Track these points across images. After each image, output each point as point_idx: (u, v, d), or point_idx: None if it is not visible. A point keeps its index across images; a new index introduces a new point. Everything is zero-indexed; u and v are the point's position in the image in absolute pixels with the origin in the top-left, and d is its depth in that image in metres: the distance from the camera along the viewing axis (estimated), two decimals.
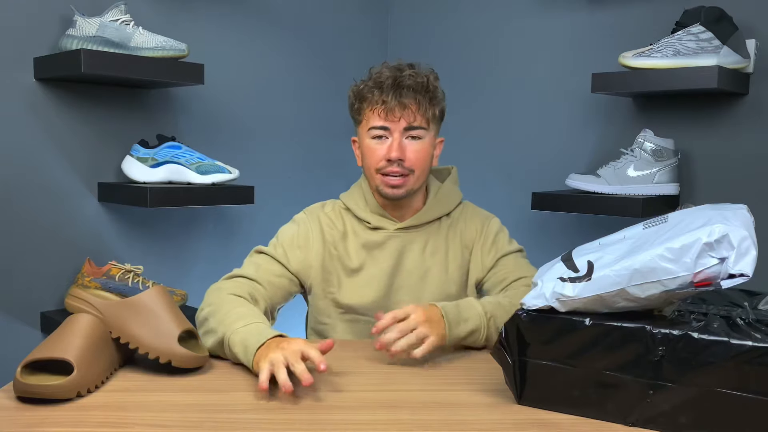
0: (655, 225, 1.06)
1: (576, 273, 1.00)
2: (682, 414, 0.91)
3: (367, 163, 1.46)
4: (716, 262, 0.91)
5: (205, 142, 2.08)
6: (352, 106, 1.49)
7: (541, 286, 1.02)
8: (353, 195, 1.54)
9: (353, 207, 1.51)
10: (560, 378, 0.99)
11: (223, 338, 1.21)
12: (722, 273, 0.91)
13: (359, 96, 1.46)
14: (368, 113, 1.43)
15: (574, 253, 1.07)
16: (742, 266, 0.90)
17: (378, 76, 1.43)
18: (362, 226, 1.50)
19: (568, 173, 1.95)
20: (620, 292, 0.95)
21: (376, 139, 1.43)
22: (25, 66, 1.74)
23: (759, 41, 1.79)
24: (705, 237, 0.91)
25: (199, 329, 1.29)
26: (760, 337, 0.88)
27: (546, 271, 1.06)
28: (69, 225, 1.83)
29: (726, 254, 0.91)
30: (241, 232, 2.20)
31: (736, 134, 1.84)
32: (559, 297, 0.99)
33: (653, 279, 0.93)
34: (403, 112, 1.40)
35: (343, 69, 2.41)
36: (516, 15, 2.26)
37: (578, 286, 0.98)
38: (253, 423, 0.96)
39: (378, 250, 1.48)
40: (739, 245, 0.90)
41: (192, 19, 2.03)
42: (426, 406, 1.03)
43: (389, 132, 1.41)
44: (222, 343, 1.22)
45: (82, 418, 0.96)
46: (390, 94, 1.40)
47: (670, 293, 0.94)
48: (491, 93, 2.34)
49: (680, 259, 0.92)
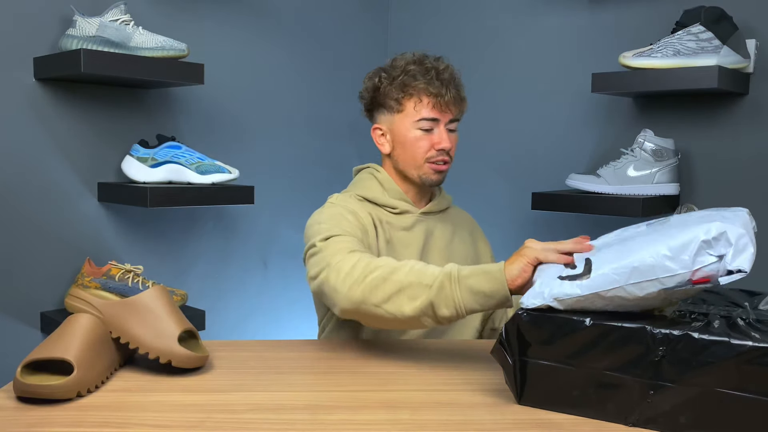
0: (655, 224, 1.06)
1: (574, 271, 1.00)
2: (682, 414, 0.91)
3: (411, 152, 1.48)
4: (714, 259, 0.91)
5: (205, 142, 2.08)
6: (385, 95, 1.48)
7: (540, 285, 1.02)
8: (368, 185, 1.52)
9: (374, 196, 1.50)
10: (560, 378, 0.99)
11: (442, 283, 1.12)
12: (720, 270, 0.91)
13: (400, 85, 1.46)
14: (416, 104, 1.46)
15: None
16: (739, 262, 0.90)
17: (418, 67, 1.46)
18: (385, 212, 1.50)
19: (568, 173, 1.95)
20: (619, 290, 0.95)
21: (423, 130, 1.47)
22: (25, 66, 1.74)
23: (759, 41, 1.79)
24: (703, 234, 0.91)
25: (380, 298, 1.16)
26: (760, 337, 0.88)
27: (544, 270, 1.07)
28: (69, 225, 1.83)
29: (724, 251, 0.91)
30: (241, 232, 2.20)
31: (736, 134, 1.84)
32: (558, 296, 0.99)
33: (651, 277, 0.93)
34: (454, 105, 1.47)
35: (343, 69, 2.41)
36: (516, 15, 2.26)
37: (577, 285, 0.98)
38: (253, 423, 0.96)
39: (407, 232, 1.50)
40: (737, 242, 0.90)
41: (192, 19, 2.03)
42: (426, 406, 1.03)
43: (437, 123, 1.47)
44: (441, 288, 1.12)
45: (82, 418, 0.96)
46: (443, 87, 1.45)
47: (669, 291, 0.94)
48: (491, 93, 2.33)
49: (678, 257, 0.92)
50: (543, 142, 2.21)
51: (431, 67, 1.46)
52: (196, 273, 2.11)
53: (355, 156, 2.44)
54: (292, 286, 2.32)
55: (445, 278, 1.12)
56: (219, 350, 1.28)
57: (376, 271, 1.17)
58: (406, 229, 1.50)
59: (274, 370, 1.19)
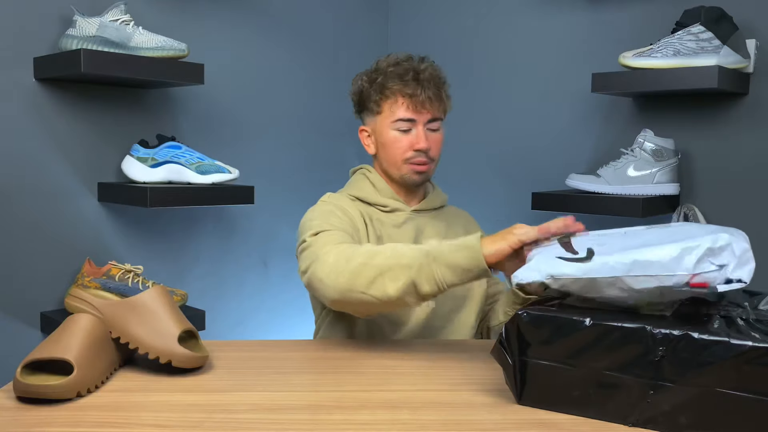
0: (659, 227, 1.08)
1: (575, 255, 1.01)
2: (682, 414, 0.91)
3: (391, 153, 1.50)
4: (715, 268, 0.93)
5: (205, 142, 2.08)
6: (367, 98, 1.52)
7: (536, 262, 1.03)
8: (360, 185, 1.56)
9: (366, 195, 1.53)
10: (560, 378, 0.99)
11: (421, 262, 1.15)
12: (719, 278, 0.94)
13: (378, 88, 1.49)
14: (392, 105, 1.48)
15: (573, 239, 1.09)
16: (741, 273, 0.93)
17: (396, 69, 1.49)
18: (377, 210, 1.53)
19: (568, 173, 1.95)
20: (616, 280, 0.96)
21: (401, 131, 1.48)
22: (25, 66, 1.74)
23: (759, 41, 1.79)
24: (709, 243, 0.94)
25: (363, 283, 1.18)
26: (760, 337, 0.88)
27: (542, 251, 1.08)
28: (69, 225, 1.83)
29: (726, 262, 0.93)
30: (241, 232, 2.20)
31: (736, 134, 1.84)
32: (554, 274, 0.99)
33: (651, 273, 0.94)
34: (431, 105, 1.47)
35: (343, 69, 2.41)
36: (516, 15, 2.26)
37: (575, 267, 0.98)
38: (253, 423, 0.96)
39: (397, 229, 1.52)
40: (741, 255, 0.94)
41: (192, 19, 2.03)
42: (426, 406, 1.03)
43: (414, 124, 1.48)
44: (420, 267, 1.15)
45: (82, 418, 0.96)
46: (418, 87, 1.46)
47: (664, 290, 0.95)
48: (491, 93, 2.33)
49: (681, 259, 0.94)
50: (543, 142, 2.21)
51: (409, 68, 1.48)
52: (196, 273, 2.11)
53: (354, 156, 2.44)
54: (291, 286, 2.32)
55: (424, 257, 1.16)
56: (219, 350, 1.28)
57: (358, 258, 1.21)
58: (397, 227, 1.52)
59: (274, 370, 1.19)
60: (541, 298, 1.09)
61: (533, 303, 1.05)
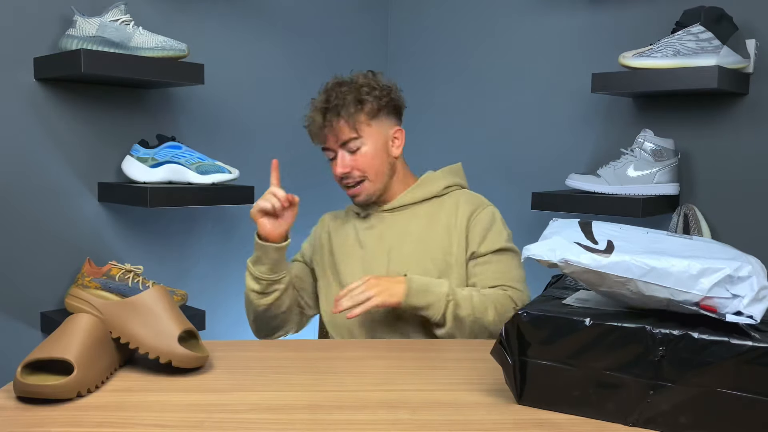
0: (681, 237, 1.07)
1: (594, 245, 0.99)
2: (682, 414, 0.91)
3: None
4: (729, 296, 0.91)
5: (205, 142, 2.08)
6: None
7: (554, 242, 1.00)
8: None
9: (350, 205, 1.67)
10: (560, 378, 0.99)
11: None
12: (731, 307, 0.91)
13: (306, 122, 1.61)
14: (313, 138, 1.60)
15: (594, 225, 1.06)
16: (753, 310, 0.90)
17: (313, 102, 1.60)
18: (354, 216, 1.66)
19: (568, 173, 1.95)
20: (628, 281, 0.95)
21: (330, 159, 1.58)
22: (25, 66, 1.74)
23: (759, 41, 1.79)
24: (731, 270, 0.91)
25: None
26: (759, 337, 0.88)
27: (561, 229, 1.05)
28: (69, 225, 1.83)
29: (742, 294, 0.91)
30: (241, 232, 2.20)
31: (736, 134, 1.84)
32: (569, 260, 0.97)
33: (666, 284, 0.93)
34: (332, 132, 1.54)
35: (343, 69, 2.39)
36: (516, 15, 2.26)
37: (592, 257, 0.97)
38: (253, 423, 0.96)
39: (369, 231, 1.60)
40: (758, 291, 0.91)
41: (192, 19, 2.03)
42: (426, 406, 1.03)
43: (332, 151, 1.57)
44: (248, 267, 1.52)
45: (82, 418, 0.96)
46: (320, 115, 1.54)
47: (672, 303, 0.94)
48: (491, 93, 2.34)
49: (699, 279, 0.92)
50: (543, 142, 2.21)
51: (321, 99, 1.57)
52: (196, 273, 2.11)
53: None
54: None
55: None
56: (219, 350, 1.28)
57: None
58: (369, 228, 1.60)
59: (274, 370, 1.19)
60: (542, 297, 1.09)
61: (533, 303, 1.05)
